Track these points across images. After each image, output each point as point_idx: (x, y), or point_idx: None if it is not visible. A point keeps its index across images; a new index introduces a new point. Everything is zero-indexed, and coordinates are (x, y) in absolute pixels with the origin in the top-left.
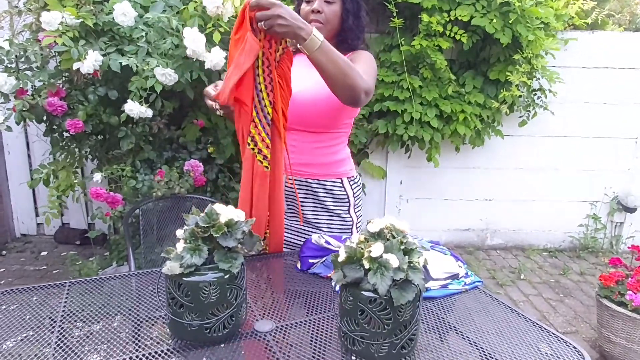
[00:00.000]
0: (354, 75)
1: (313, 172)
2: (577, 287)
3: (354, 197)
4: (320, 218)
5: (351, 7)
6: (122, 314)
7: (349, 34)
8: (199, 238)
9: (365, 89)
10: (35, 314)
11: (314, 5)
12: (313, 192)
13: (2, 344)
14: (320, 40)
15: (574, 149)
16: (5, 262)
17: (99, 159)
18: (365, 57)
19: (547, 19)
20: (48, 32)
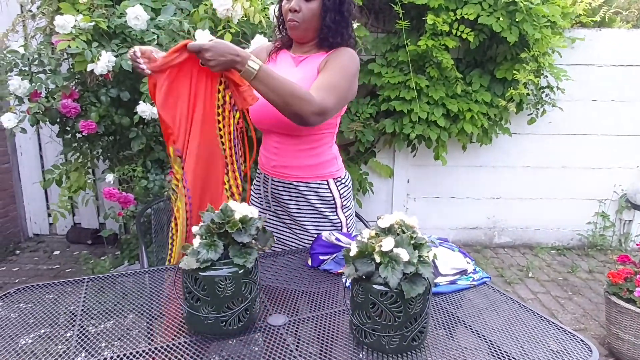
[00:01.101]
0: (297, 102)
1: (297, 174)
2: (585, 285)
3: (340, 198)
4: (308, 219)
5: (331, 4)
6: (139, 309)
7: (328, 31)
8: (214, 234)
9: (315, 112)
10: (56, 309)
11: (292, 3)
12: (300, 193)
13: (21, 339)
14: (254, 70)
15: (582, 146)
16: (19, 262)
17: (110, 160)
18: (339, 62)
19: (553, 17)
20: (62, 35)
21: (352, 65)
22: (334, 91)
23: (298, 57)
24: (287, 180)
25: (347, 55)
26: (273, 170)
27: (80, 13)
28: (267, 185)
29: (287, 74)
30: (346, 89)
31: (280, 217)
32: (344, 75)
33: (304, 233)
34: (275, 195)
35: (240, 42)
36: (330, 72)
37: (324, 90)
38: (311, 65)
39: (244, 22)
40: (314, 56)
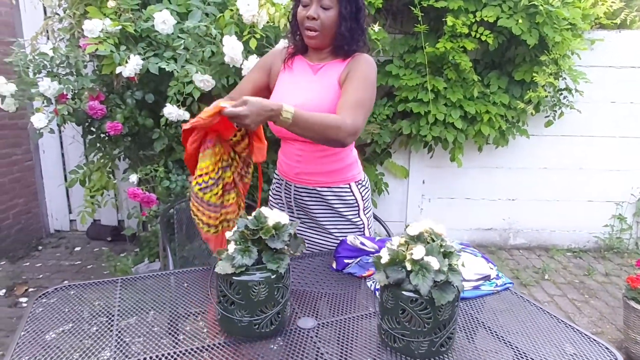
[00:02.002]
0: (332, 132)
1: (321, 180)
2: (602, 288)
3: (362, 200)
4: (331, 223)
5: (348, 12)
6: (173, 310)
7: (344, 40)
8: (248, 240)
9: (350, 134)
10: (93, 309)
11: (310, 11)
12: (323, 199)
13: (63, 330)
14: (289, 118)
15: (599, 148)
16: (42, 257)
17: (132, 159)
18: (361, 74)
19: (574, 20)
20: (90, 39)
21: (373, 74)
22: (362, 108)
23: (316, 65)
24: (311, 187)
25: (366, 64)
26: (296, 177)
27: (107, 17)
28: (290, 191)
29: (306, 83)
30: (371, 100)
31: (303, 220)
32: (367, 87)
33: (328, 236)
34: (298, 200)
35: (264, 47)
36: (355, 87)
37: (352, 110)
38: (330, 74)
39: (268, 26)
40: (331, 64)
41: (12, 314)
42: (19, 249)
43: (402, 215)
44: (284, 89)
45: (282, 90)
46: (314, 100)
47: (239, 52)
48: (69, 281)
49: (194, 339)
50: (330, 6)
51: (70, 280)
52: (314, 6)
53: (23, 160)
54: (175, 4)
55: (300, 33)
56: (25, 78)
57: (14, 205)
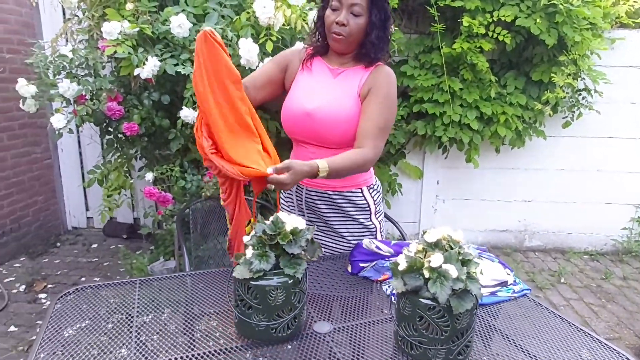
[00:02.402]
0: (360, 169)
1: (333, 184)
2: (619, 292)
3: (374, 204)
4: (344, 226)
5: (378, 20)
6: (191, 311)
7: (373, 48)
8: (266, 245)
9: (373, 163)
10: (113, 309)
11: (339, 17)
12: (334, 202)
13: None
14: (326, 173)
15: (618, 150)
16: (60, 254)
17: (148, 159)
18: (383, 93)
19: (594, 20)
20: (108, 41)
21: (394, 91)
22: (383, 134)
23: (336, 69)
24: (323, 190)
25: (388, 81)
26: (308, 180)
27: (125, 19)
28: (301, 194)
29: (325, 86)
30: (392, 120)
31: (315, 223)
32: (389, 107)
33: (340, 239)
34: (310, 203)
35: (280, 49)
36: (377, 110)
37: (374, 137)
38: (350, 81)
39: (284, 29)
40: (352, 70)
41: (31, 309)
42: (38, 245)
43: (415, 216)
44: (302, 90)
45: (300, 92)
46: (332, 105)
47: (254, 54)
48: (86, 278)
49: (209, 340)
50: (361, 13)
51: (88, 277)
52: (344, 12)
53: (42, 158)
54: (192, 6)
55: (322, 35)
56: (45, 79)
57: (34, 202)
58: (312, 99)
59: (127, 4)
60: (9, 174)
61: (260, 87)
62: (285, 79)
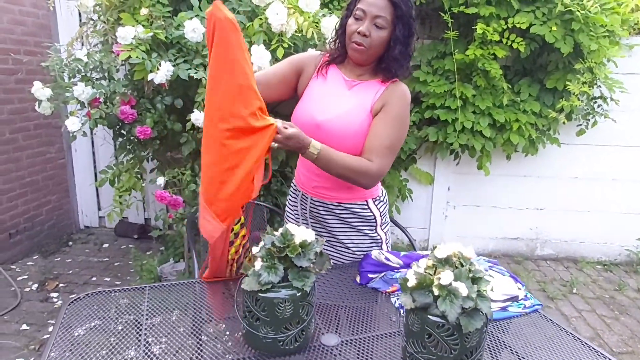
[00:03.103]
0: (354, 177)
1: (337, 196)
2: (633, 305)
3: (380, 216)
4: (348, 237)
5: (401, 35)
6: (199, 321)
7: (393, 63)
8: (275, 257)
9: (374, 179)
10: (124, 309)
11: (362, 27)
12: (338, 215)
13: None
14: (315, 154)
15: (634, 158)
16: (72, 253)
17: (160, 161)
18: (397, 110)
19: (612, 27)
20: (123, 46)
21: (407, 111)
22: (391, 153)
23: (351, 81)
24: (328, 201)
25: (402, 101)
26: (313, 190)
27: (139, 23)
28: (306, 203)
29: (338, 96)
30: (402, 140)
31: (320, 233)
32: (400, 127)
33: (346, 250)
34: (315, 213)
35: (291, 55)
36: (388, 128)
37: (381, 155)
38: (365, 95)
39: (296, 35)
40: (368, 83)
41: (43, 308)
42: (50, 244)
43: (426, 222)
44: (315, 98)
45: (313, 99)
46: (342, 118)
47: (266, 60)
48: (97, 278)
49: (218, 344)
50: (384, 26)
51: (98, 277)
52: (367, 23)
53: (56, 158)
54: (205, 11)
55: (342, 43)
56: (60, 82)
57: (47, 202)
58: (323, 110)
59: (142, 9)
60: (24, 173)
61: (272, 85)
62: (298, 83)
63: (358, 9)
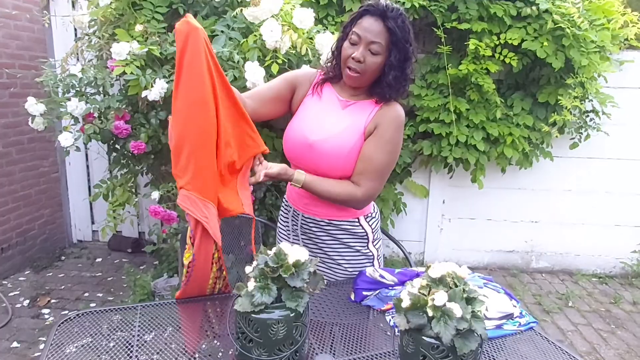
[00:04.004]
0: (342, 202)
1: (328, 213)
2: (629, 318)
3: (372, 233)
4: (340, 254)
5: (396, 61)
6: (189, 341)
7: (387, 89)
8: (268, 277)
9: (361, 203)
10: (116, 325)
11: (356, 53)
12: (329, 232)
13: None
14: (298, 185)
15: (627, 171)
16: (64, 268)
17: (154, 175)
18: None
19: (602, 43)
20: (117, 62)
21: (400, 135)
22: (381, 177)
23: (345, 101)
24: (319, 218)
25: (395, 124)
26: (305, 207)
27: (134, 39)
28: (297, 220)
29: (333, 116)
30: (393, 164)
31: (312, 249)
32: (392, 151)
33: (336, 267)
34: (306, 230)
35: (285, 71)
36: (379, 152)
37: (370, 179)
38: (359, 115)
39: (291, 52)
40: (362, 103)
41: (34, 325)
42: (43, 258)
43: (421, 235)
44: (309, 116)
45: (306, 117)
46: (335, 139)
47: (260, 77)
48: (89, 293)
49: None
50: (379, 52)
51: (91, 292)
52: (361, 49)
53: (50, 172)
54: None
55: (338, 65)
56: (54, 97)
57: (40, 215)
58: (316, 130)
59: (137, 25)
60: (17, 187)
61: (266, 101)
62: (292, 99)
63: (354, 33)
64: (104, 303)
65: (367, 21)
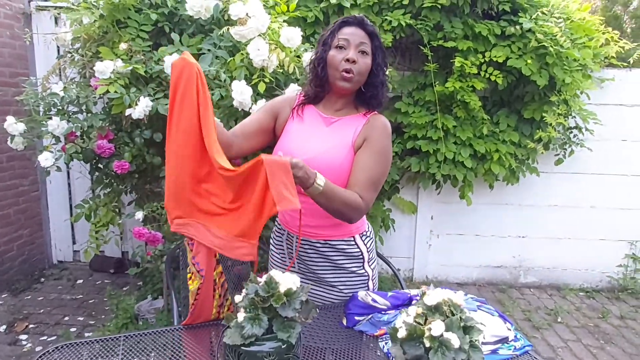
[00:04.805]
0: (348, 212)
1: (325, 233)
2: (618, 333)
3: (367, 252)
4: (334, 276)
5: (381, 61)
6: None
7: (374, 91)
8: (258, 307)
9: (362, 214)
10: (98, 352)
11: (349, 54)
12: (326, 253)
13: None
14: (321, 186)
15: (611, 186)
16: (44, 290)
17: (139, 194)
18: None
19: (584, 61)
20: (101, 80)
21: (389, 145)
22: (374, 188)
23: (329, 118)
24: (314, 239)
25: (383, 134)
26: (299, 229)
27: (118, 57)
28: (292, 243)
29: (317, 135)
30: (385, 175)
31: (305, 274)
32: (383, 161)
33: (331, 289)
34: (301, 253)
35: (274, 89)
36: (371, 163)
37: (366, 190)
38: (344, 130)
39: (278, 71)
40: (346, 119)
41: (11, 352)
42: (21, 280)
43: (409, 252)
44: (293, 138)
45: (291, 140)
46: (323, 156)
47: (247, 96)
48: (69, 317)
49: None
50: (368, 53)
51: (71, 316)
52: (352, 50)
53: (30, 190)
54: (186, 46)
55: (319, 80)
56: (35, 116)
57: (19, 236)
58: (305, 148)
59: (121, 44)
60: None
61: (251, 135)
62: (275, 127)
63: (340, 40)
64: (84, 327)
65: (348, 29)
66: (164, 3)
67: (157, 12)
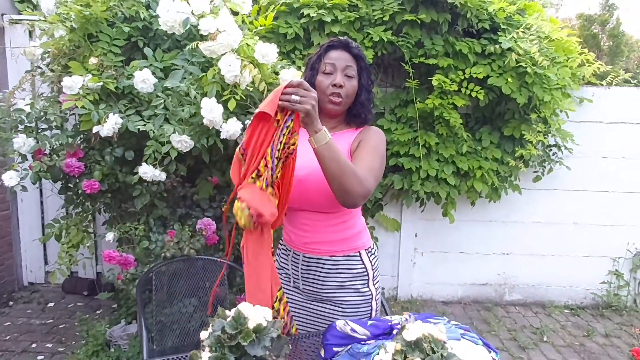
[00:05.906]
0: (352, 182)
1: (331, 249)
2: (603, 352)
3: (372, 270)
4: (339, 293)
5: (366, 82)
6: None
7: (362, 109)
8: (225, 346)
9: (363, 195)
10: None
11: (336, 79)
12: (331, 270)
13: None
14: (329, 137)
15: (593, 203)
16: (12, 315)
17: (111, 214)
18: (373, 143)
19: (562, 81)
20: (69, 95)
21: (383, 145)
22: (373, 174)
23: None
24: (319, 256)
25: (377, 136)
26: (305, 247)
27: (89, 72)
28: (297, 262)
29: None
30: (381, 170)
31: (309, 294)
32: (378, 156)
33: (336, 308)
34: (305, 272)
35: (247, 107)
36: (367, 155)
37: (365, 174)
38: (341, 142)
39: (250, 88)
40: (341, 133)
41: None
42: None
43: (394, 269)
44: None
45: None
46: (321, 171)
47: (218, 114)
48: (37, 344)
49: None
50: (354, 76)
51: (40, 342)
52: (339, 75)
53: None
54: (160, 61)
55: None
56: (1, 134)
57: None
58: (302, 166)
59: (91, 58)
60: None
61: None
62: None
63: (327, 65)
64: (52, 355)
65: (334, 53)
66: (138, 17)
67: (130, 26)
